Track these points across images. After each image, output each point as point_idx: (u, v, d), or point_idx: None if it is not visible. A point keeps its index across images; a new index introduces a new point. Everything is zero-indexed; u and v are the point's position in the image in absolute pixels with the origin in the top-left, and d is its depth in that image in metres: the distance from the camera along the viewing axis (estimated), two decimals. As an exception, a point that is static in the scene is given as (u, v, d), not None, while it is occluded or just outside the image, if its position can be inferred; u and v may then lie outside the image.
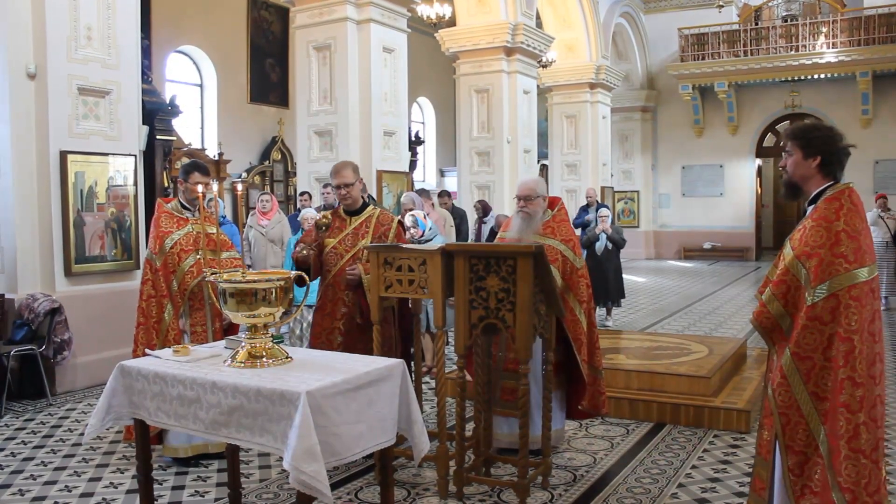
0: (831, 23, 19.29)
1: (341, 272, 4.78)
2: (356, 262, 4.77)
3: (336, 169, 4.88)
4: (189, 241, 4.89)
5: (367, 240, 4.80)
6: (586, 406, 4.90)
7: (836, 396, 2.87)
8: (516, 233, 4.96)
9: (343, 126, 10.21)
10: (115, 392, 3.25)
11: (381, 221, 4.92)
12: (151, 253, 4.89)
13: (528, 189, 4.92)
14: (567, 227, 4.98)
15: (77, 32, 6.98)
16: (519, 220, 4.96)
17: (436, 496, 4.36)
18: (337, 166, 4.90)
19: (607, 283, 9.92)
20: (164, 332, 4.80)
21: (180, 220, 4.97)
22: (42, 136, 6.84)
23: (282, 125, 16.63)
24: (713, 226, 21.80)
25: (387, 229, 4.88)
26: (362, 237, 4.84)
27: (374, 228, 4.86)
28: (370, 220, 4.91)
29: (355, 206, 4.93)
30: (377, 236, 4.82)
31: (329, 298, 4.88)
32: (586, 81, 18.63)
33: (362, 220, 4.91)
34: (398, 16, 10.73)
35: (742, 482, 4.60)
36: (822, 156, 3.06)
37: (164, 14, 14.05)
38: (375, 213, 4.96)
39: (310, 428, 2.69)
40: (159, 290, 4.83)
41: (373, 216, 4.92)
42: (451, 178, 20.02)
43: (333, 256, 4.84)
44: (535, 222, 4.91)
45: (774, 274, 3.09)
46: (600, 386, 4.87)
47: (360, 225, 4.90)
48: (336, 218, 4.94)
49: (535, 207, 4.91)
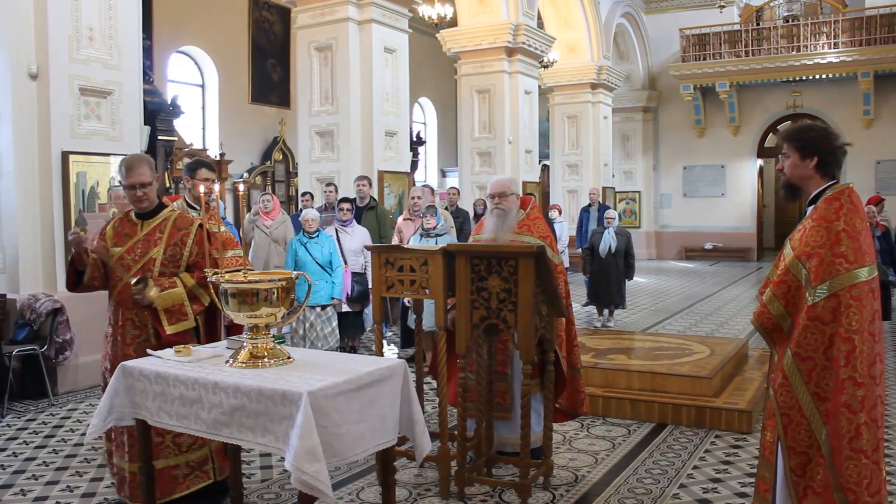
0: (833, 23, 19.28)
1: (127, 288, 3.97)
2: (146, 275, 4.00)
3: (129, 164, 4.08)
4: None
5: (160, 247, 4.05)
6: (564, 405, 4.81)
7: (837, 396, 2.87)
8: (491, 232, 4.82)
9: (344, 126, 10.22)
10: (117, 392, 3.25)
11: (179, 225, 4.14)
12: None
13: (503, 186, 4.82)
14: (542, 224, 4.90)
15: (79, 33, 6.99)
16: (494, 218, 4.82)
17: (437, 496, 4.36)
18: (130, 161, 4.12)
19: (609, 286, 9.88)
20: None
21: None
22: (44, 136, 6.85)
23: (283, 125, 16.64)
24: (714, 226, 21.78)
25: (185, 234, 4.12)
26: (155, 244, 4.07)
27: (170, 234, 4.09)
28: (165, 224, 4.13)
29: (150, 208, 4.16)
30: (172, 243, 4.08)
31: (116, 320, 4.13)
32: (587, 82, 18.64)
33: (156, 225, 4.13)
34: (399, 16, 10.74)
35: (744, 483, 4.60)
36: (819, 156, 3.06)
37: (165, 14, 14.06)
38: (172, 216, 4.18)
39: (311, 428, 2.70)
40: None
41: (169, 220, 4.15)
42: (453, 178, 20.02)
43: (120, 268, 4.07)
44: (510, 220, 4.79)
45: (775, 274, 3.09)
46: (579, 385, 4.78)
47: (153, 230, 4.11)
48: (125, 223, 4.18)
49: (509, 205, 4.80)
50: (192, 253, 4.12)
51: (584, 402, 4.82)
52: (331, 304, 7.46)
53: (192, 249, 4.12)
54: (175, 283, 4.01)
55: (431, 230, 7.07)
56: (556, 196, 18.87)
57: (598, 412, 5.96)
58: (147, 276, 3.95)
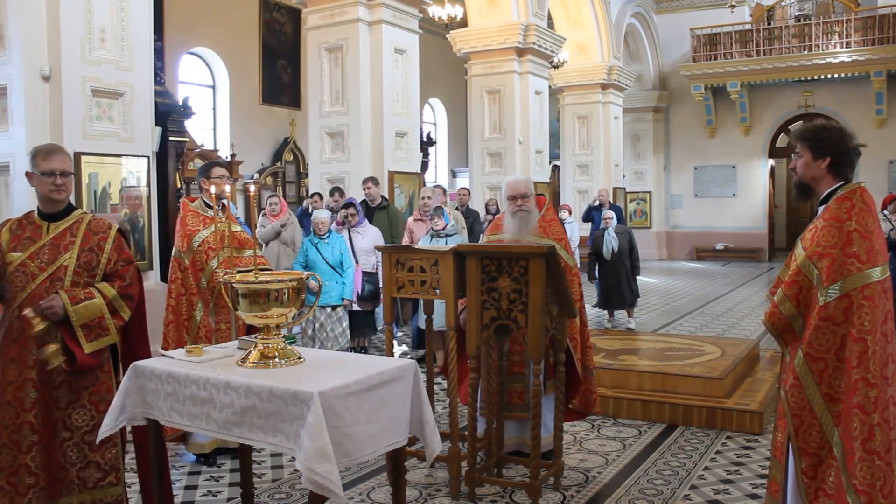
0: (845, 22, 19.18)
1: (32, 299, 3.40)
2: (56, 285, 3.45)
3: (49, 150, 3.59)
4: (216, 239, 4.89)
5: (71, 253, 3.50)
6: (577, 405, 4.81)
7: (849, 397, 2.86)
8: (514, 234, 4.79)
9: (355, 127, 10.24)
10: (129, 392, 3.26)
11: (95, 229, 3.61)
12: (179, 251, 4.90)
13: (525, 187, 4.79)
14: (557, 225, 4.90)
15: (91, 34, 7.02)
16: (517, 220, 4.78)
17: (448, 497, 4.37)
18: (49, 147, 3.64)
19: (620, 286, 9.85)
20: (195, 329, 4.81)
21: (206, 218, 4.95)
22: (56, 137, 6.88)
23: (294, 126, 16.69)
24: (725, 227, 21.69)
25: (102, 238, 3.60)
26: (66, 250, 3.51)
27: (84, 238, 3.55)
28: (78, 226, 3.58)
29: (63, 207, 3.61)
30: (87, 248, 3.54)
31: (14, 337, 3.47)
32: (598, 82, 18.60)
33: (66, 228, 3.57)
34: (410, 17, 10.75)
35: (755, 484, 4.58)
36: (832, 156, 3.04)
37: (176, 16, 14.12)
38: (86, 217, 3.64)
39: (322, 428, 2.70)
40: (189, 287, 4.85)
41: (82, 222, 3.60)
42: (463, 178, 20.03)
43: (22, 277, 3.45)
44: (532, 222, 4.78)
45: (786, 274, 3.08)
46: (591, 385, 4.78)
47: (63, 234, 3.55)
48: (25, 225, 3.60)
49: (531, 206, 4.78)
50: (110, 260, 3.59)
51: (595, 402, 4.82)
52: (341, 304, 7.48)
53: (111, 256, 3.59)
54: (92, 293, 3.47)
55: (441, 231, 7.09)
56: (566, 197, 18.84)
57: (608, 413, 5.95)
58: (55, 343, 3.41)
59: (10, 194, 7.02)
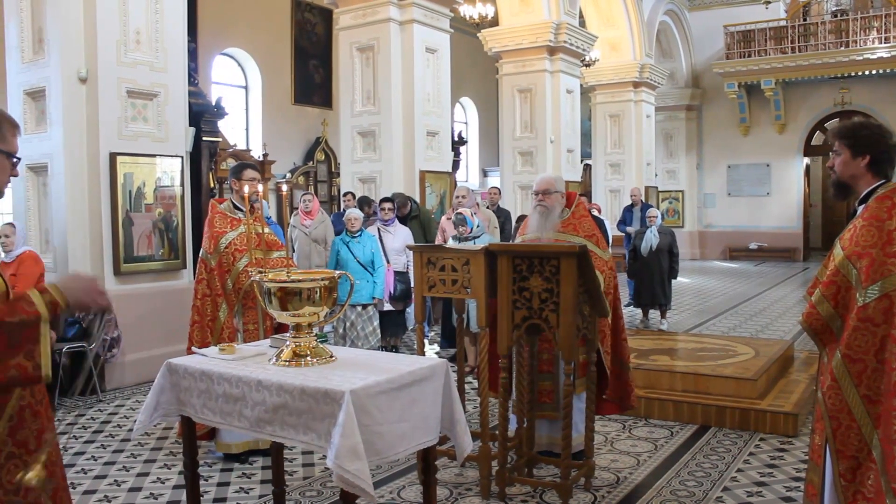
0: (883, 17, 18.83)
1: None
2: None
3: None
4: (243, 241, 4.90)
5: None
6: (611, 396, 4.74)
7: (889, 399, 2.80)
8: (535, 231, 4.81)
9: (386, 126, 10.27)
10: (163, 389, 3.30)
11: None
12: (206, 252, 4.95)
13: (547, 183, 4.80)
14: (588, 222, 4.86)
15: (126, 36, 7.12)
16: (536, 215, 4.81)
17: (478, 496, 4.36)
18: None
19: (652, 284, 9.78)
20: (219, 330, 4.86)
21: (234, 220, 4.99)
22: (93, 138, 6.99)
23: (325, 126, 16.77)
24: (759, 226, 21.43)
25: None
26: None
27: None
28: None
29: None
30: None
31: None
32: (630, 80, 18.48)
33: None
34: (441, 16, 10.76)
35: (789, 487, 4.52)
36: (872, 154, 2.99)
37: (209, 17, 14.26)
38: None
39: (353, 426, 2.71)
40: (214, 289, 4.89)
41: None
42: (494, 177, 19.98)
43: None
44: (553, 218, 4.77)
45: (824, 275, 3.03)
46: (628, 378, 4.73)
47: None
48: None
49: (552, 202, 4.77)
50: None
51: (632, 397, 4.77)
52: (372, 303, 7.50)
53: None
54: None
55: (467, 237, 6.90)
56: (597, 196, 18.74)
57: (640, 413, 5.90)
58: None
59: (48, 194, 7.16)
